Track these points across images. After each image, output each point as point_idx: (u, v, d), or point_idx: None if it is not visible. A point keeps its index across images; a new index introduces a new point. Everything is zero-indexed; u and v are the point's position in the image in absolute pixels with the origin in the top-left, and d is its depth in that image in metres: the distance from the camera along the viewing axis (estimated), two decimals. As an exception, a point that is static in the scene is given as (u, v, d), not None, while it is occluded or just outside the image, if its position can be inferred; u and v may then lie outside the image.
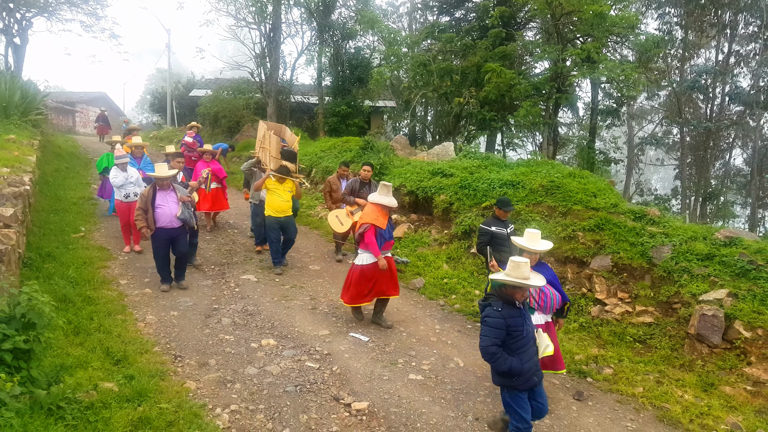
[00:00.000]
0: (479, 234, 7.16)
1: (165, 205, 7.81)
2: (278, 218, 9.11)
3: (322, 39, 24.02)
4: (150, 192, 7.80)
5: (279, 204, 9.05)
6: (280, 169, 9.09)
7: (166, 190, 7.91)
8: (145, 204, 7.73)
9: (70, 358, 5.28)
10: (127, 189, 9.52)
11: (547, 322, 5.60)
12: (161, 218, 7.77)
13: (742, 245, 7.63)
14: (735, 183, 26.52)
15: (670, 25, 23.43)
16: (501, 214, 7.12)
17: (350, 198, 9.72)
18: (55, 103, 32.53)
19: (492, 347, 4.35)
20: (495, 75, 17.67)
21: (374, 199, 7.09)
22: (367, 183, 9.72)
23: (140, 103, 59.89)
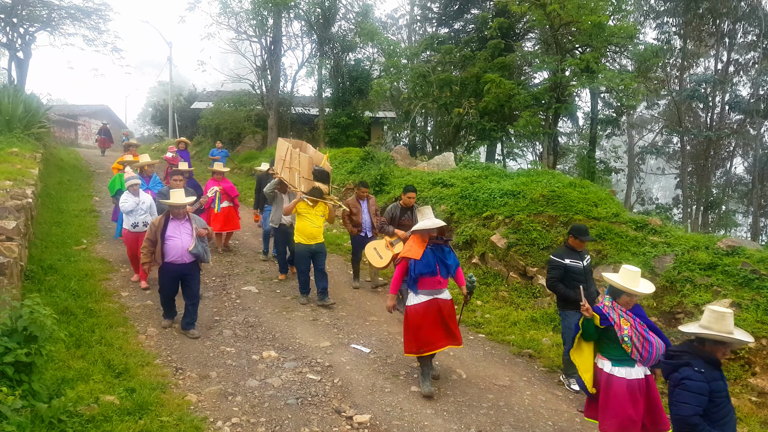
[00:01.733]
0: (550, 267, 6.21)
1: (177, 236, 6.79)
2: (309, 246, 8.20)
3: (323, 51, 24.16)
4: (161, 221, 6.82)
5: (310, 230, 8.16)
6: (313, 191, 8.18)
7: (181, 220, 6.90)
8: (155, 234, 6.76)
9: (71, 371, 5.28)
10: (137, 217, 8.51)
11: (647, 375, 4.70)
12: (171, 251, 6.75)
13: (745, 254, 7.61)
14: (736, 192, 26.51)
15: (669, 34, 23.53)
16: (576, 244, 6.20)
17: (389, 228, 8.44)
18: (58, 116, 32.67)
19: (695, 417, 3.65)
20: (494, 85, 17.75)
21: (414, 227, 6.03)
22: (409, 209, 8.47)
23: (142, 115, 60.16)
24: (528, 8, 18.04)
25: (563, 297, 6.11)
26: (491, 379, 6.42)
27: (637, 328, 4.57)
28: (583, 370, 4.79)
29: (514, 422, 5.47)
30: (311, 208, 8.17)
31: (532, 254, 9.25)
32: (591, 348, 4.83)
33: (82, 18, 24.35)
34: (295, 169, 8.74)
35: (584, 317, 4.71)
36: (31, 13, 22.95)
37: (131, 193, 8.53)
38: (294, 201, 8.23)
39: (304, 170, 8.57)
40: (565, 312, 6.20)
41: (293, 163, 8.82)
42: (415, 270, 5.75)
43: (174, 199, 6.94)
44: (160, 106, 38.73)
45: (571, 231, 6.32)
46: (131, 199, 8.50)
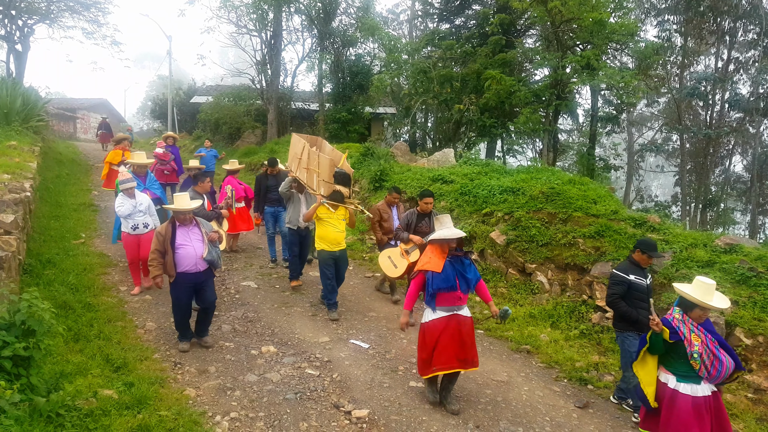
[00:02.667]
0: (612, 283, 5.68)
1: (188, 244, 6.25)
2: (333, 252, 7.74)
3: (323, 46, 24.13)
4: (168, 229, 6.22)
5: (333, 235, 7.72)
6: (334, 195, 7.73)
7: (188, 226, 6.35)
8: (163, 245, 6.17)
9: (69, 365, 5.28)
10: (136, 219, 7.99)
11: (713, 392, 4.51)
12: (184, 261, 6.20)
13: (743, 252, 7.63)
14: (735, 190, 26.55)
15: (670, 32, 23.53)
16: (643, 260, 5.69)
17: (404, 234, 7.92)
18: (56, 110, 32.60)
19: None
20: (495, 82, 17.75)
21: (431, 236, 5.58)
22: (426, 215, 7.98)
23: (141, 109, 60.01)
24: (529, 5, 18.03)
25: (624, 317, 5.58)
26: (489, 375, 6.44)
27: (708, 345, 4.37)
28: (646, 383, 4.63)
29: (511, 417, 5.49)
30: (332, 212, 7.71)
31: (531, 251, 9.25)
32: (655, 361, 4.66)
33: (81, 11, 24.30)
34: (314, 170, 8.09)
35: (653, 331, 4.49)
36: (30, 5, 22.87)
37: (127, 196, 7.98)
38: (313, 206, 7.73)
39: (324, 172, 7.92)
40: (625, 334, 5.67)
41: (311, 164, 8.18)
42: (433, 284, 5.29)
43: (178, 204, 6.33)
44: (160, 100, 38.67)
45: (638, 245, 5.74)
46: (127, 202, 7.98)
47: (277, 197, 9.48)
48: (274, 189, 9.57)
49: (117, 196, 8.23)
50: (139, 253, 8.01)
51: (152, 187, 9.21)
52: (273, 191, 9.63)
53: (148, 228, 8.07)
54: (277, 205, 9.79)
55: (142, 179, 9.09)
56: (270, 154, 21.21)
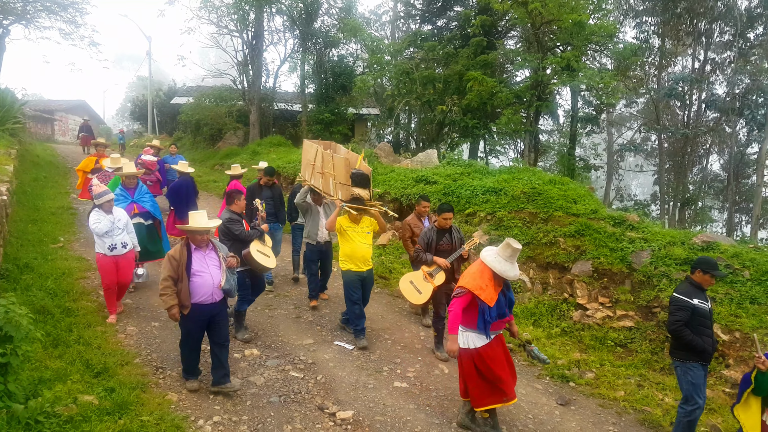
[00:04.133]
0: (674, 308, 5.12)
1: (205, 271, 5.40)
2: (360, 273, 6.97)
3: (305, 47, 24.07)
4: (184, 253, 5.36)
5: (361, 252, 6.90)
6: (354, 200, 6.92)
7: (205, 250, 5.50)
8: (177, 270, 5.30)
9: (48, 371, 5.20)
10: (114, 238, 6.97)
11: None
12: (199, 290, 5.35)
13: (719, 250, 7.78)
14: (712, 188, 27.00)
15: (648, 33, 23.84)
16: (705, 280, 5.17)
17: (427, 256, 6.78)
18: (34, 112, 32.07)
19: None
20: (477, 83, 17.82)
21: (488, 259, 4.89)
22: (446, 231, 6.89)
23: (120, 111, 59.30)
24: (510, 6, 18.13)
25: (689, 346, 5.01)
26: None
27: None
28: (750, 427, 4.46)
29: (495, 417, 5.52)
30: (356, 224, 6.92)
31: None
32: (759, 403, 4.45)
33: (58, 11, 23.94)
34: (329, 173, 7.39)
35: (758, 370, 4.22)
36: (5, 5, 22.48)
37: (104, 211, 6.94)
38: (334, 214, 7.00)
39: (340, 175, 7.19)
40: (688, 365, 5.10)
41: (326, 167, 7.49)
42: (489, 314, 4.86)
43: (194, 221, 5.46)
44: (139, 101, 38.31)
45: (698, 265, 5.21)
46: (104, 219, 6.89)
47: (272, 211, 8.78)
48: (268, 202, 8.70)
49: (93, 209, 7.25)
50: (117, 277, 7.04)
51: (142, 200, 8.26)
52: (267, 204, 8.61)
53: (127, 248, 7.17)
54: (274, 221, 8.88)
55: (131, 192, 8.19)
56: (252, 156, 21.11)
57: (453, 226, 6.95)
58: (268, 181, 9.08)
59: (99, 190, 7.00)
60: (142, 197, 8.29)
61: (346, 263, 6.95)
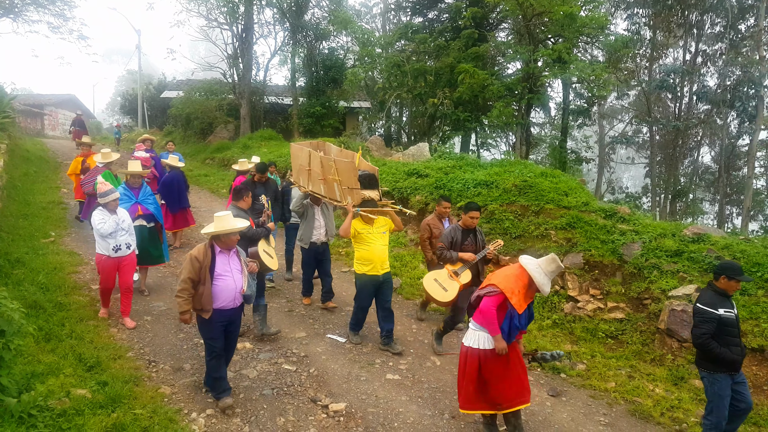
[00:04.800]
0: (699, 321, 4.82)
1: (228, 275, 5.18)
2: (376, 277, 6.61)
3: (296, 39, 23.97)
4: (208, 254, 5.13)
5: (379, 254, 6.58)
6: (366, 203, 6.66)
7: (228, 253, 5.30)
8: (200, 272, 5.06)
9: (41, 365, 5.19)
10: (119, 239, 6.69)
11: None
12: (222, 295, 5.13)
13: (710, 241, 7.84)
14: (703, 180, 27.16)
15: (639, 25, 23.89)
16: (730, 287, 4.88)
17: (451, 254, 6.53)
18: (23, 106, 31.76)
19: None
20: (468, 76, 17.83)
21: (531, 267, 4.69)
22: (471, 231, 6.65)
23: (110, 105, 58.88)
24: (501, -2, 18.14)
25: (718, 358, 4.77)
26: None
27: None
28: None
29: (487, 408, 5.56)
30: (370, 225, 6.62)
31: (505, 243, 9.37)
32: None
33: (47, 4, 23.71)
34: (333, 179, 6.94)
35: None
36: (-8, -2, 22.25)
37: (108, 211, 6.65)
38: (348, 218, 6.59)
39: (346, 179, 6.78)
40: (715, 376, 4.86)
41: (328, 173, 7.03)
42: (519, 321, 4.73)
43: (222, 224, 5.16)
44: (129, 95, 38.00)
45: (722, 271, 4.89)
46: (109, 219, 6.61)
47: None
48: None
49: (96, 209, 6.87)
50: (118, 279, 6.87)
51: (146, 202, 7.94)
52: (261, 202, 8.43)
53: (131, 249, 6.92)
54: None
55: (135, 192, 7.88)
56: (243, 150, 21.04)
57: (477, 227, 6.68)
58: (262, 177, 8.82)
59: (104, 188, 6.64)
60: (146, 198, 7.97)
61: (363, 267, 6.61)
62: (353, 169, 6.65)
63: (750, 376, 6.25)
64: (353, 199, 6.69)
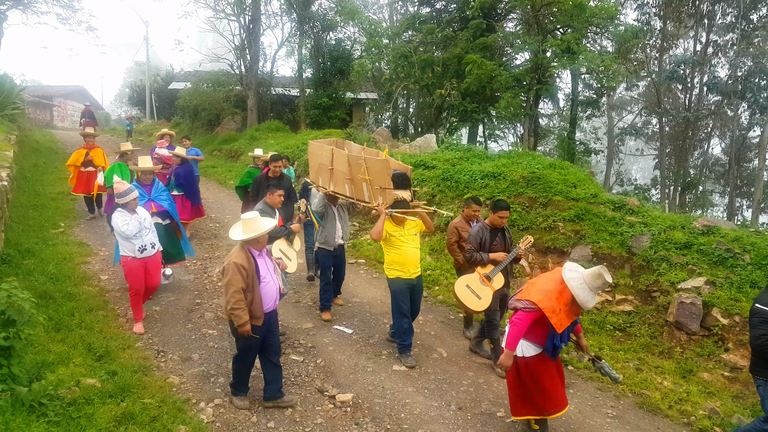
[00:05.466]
0: (757, 321, 4.52)
1: (268, 277, 5.01)
2: (410, 280, 6.26)
3: (303, 30, 23.89)
4: (251, 259, 4.86)
5: (412, 255, 6.23)
6: (399, 204, 6.20)
7: (261, 254, 5.07)
8: (248, 279, 4.77)
9: (51, 354, 5.25)
10: (144, 239, 6.39)
11: None
12: (266, 298, 4.95)
13: (720, 234, 7.78)
14: (713, 172, 26.95)
15: (649, 15, 23.62)
16: None
17: (481, 256, 6.11)
18: (32, 98, 31.93)
19: None
20: (476, 66, 17.73)
21: (573, 284, 4.29)
22: (499, 230, 6.26)
23: (119, 96, 59.10)
24: (510, -13, 18.00)
25: None
26: (471, 358, 6.53)
27: None
28: None
29: (493, 398, 5.58)
30: (401, 227, 6.22)
31: (512, 235, 9.35)
32: None
33: (55, -4, 23.70)
34: (363, 178, 6.48)
35: None
36: (2, -10, 22.27)
37: (128, 211, 6.31)
38: (380, 220, 6.12)
39: (378, 178, 6.31)
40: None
41: (356, 171, 6.57)
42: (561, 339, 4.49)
43: (252, 228, 4.87)
44: (137, 86, 38.11)
45: None
46: (132, 220, 6.25)
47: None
48: None
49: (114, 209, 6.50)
50: (145, 280, 6.53)
51: (159, 198, 7.60)
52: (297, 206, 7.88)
53: (155, 248, 6.63)
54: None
55: (147, 189, 7.53)
56: (250, 141, 21.06)
57: (504, 225, 6.33)
58: (276, 170, 8.24)
59: (122, 188, 6.30)
60: (159, 195, 7.63)
61: (394, 270, 6.24)
62: (387, 168, 6.21)
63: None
64: (384, 199, 6.27)
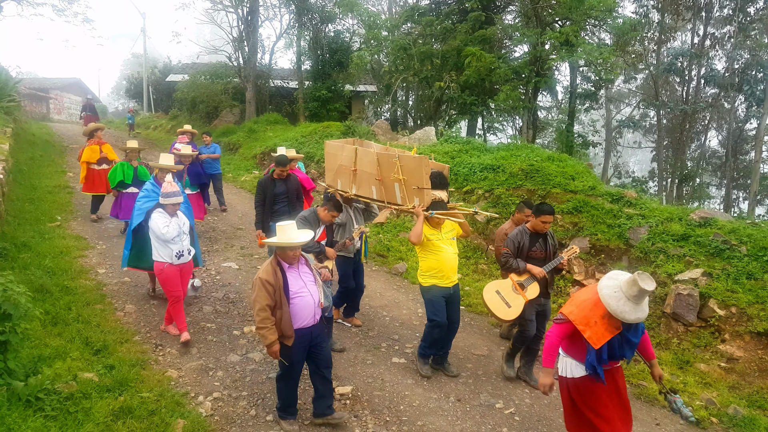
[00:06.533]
0: None
1: (303, 290, 4.59)
2: (447, 289, 5.71)
3: (301, 22, 23.77)
4: (279, 274, 4.49)
5: (450, 261, 5.69)
6: (437, 205, 5.66)
7: (297, 266, 4.67)
8: (275, 295, 4.44)
9: (48, 348, 5.22)
10: (182, 244, 6.14)
11: None
12: (301, 314, 4.55)
13: (717, 225, 7.79)
14: (710, 164, 27.00)
15: (647, 8, 23.61)
16: None
17: (518, 263, 5.68)
18: (28, 90, 31.74)
19: None
20: (475, 59, 17.69)
21: (604, 292, 3.81)
22: (541, 236, 5.77)
23: (116, 88, 58.86)
24: (508, -20, 17.93)
25: None
26: (470, 349, 6.54)
27: None
28: None
29: (491, 390, 5.59)
30: (438, 231, 5.69)
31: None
32: None
33: (51, -14, 23.54)
34: (396, 178, 5.91)
35: None
36: (-3, -19, 22.13)
37: (168, 212, 6.07)
38: (419, 222, 5.59)
39: (415, 178, 5.75)
40: None
41: (386, 171, 6.01)
42: (597, 358, 3.90)
43: (286, 237, 4.53)
44: (135, 79, 37.92)
45: None
46: (173, 222, 6.03)
47: (286, 209, 7.49)
48: (282, 198, 7.57)
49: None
50: (184, 286, 6.37)
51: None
52: (281, 201, 7.57)
53: (191, 254, 6.38)
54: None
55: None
56: (249, 134, 20.99)
57: (548, 231, 5.83)
58: (282, 172, 7.62)
59: (169, 189, 6.02)
60: None
61: (430, 278, 5.70)
62: (425, 166, 5.68)
63: (755, 360, 6.25)
64: (421, 200, 5.74)
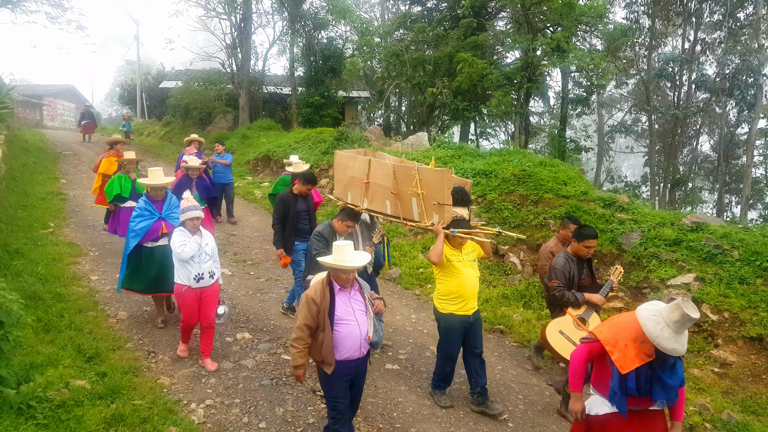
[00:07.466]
0: None
1: (351, 319, 4.12)
2: (467, 318, 5.26)
3: (294, 29, 23.83)
4: (327, 294, 4.08)
5: (472, 285, 5.23)
6: (458, 223, 5.16)
7: (350, 291, 4.21)
8: (317, 318, 4.05)
9: (40, 356, 5.20)
10: (202, 266, 5.58)
11: None
12: (345, 343, 4.11)
13: (709, 230, 7.85)
14: (702, 169, 27.13)
15: (638, 14, 23.77)
16: None
17: (576, 296, 5.30)
18: (22, 97, 31.66)
19: None
20: (467, 65, 17.76)
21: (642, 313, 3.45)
22: (585, 261, 5.47)
23: (109, 95, 58.78)
24: (500, -14, 18.05)
25: None
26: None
27: None
28: None
29: (485, 397, 5.59)
30: (458, 251, 5.24)
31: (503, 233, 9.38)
32: None
33: (44, -6, 23.48)
34: (414, 192, 5.35)
35: None
36: (-10, -11, 22.07)
37: (188, 230, 5.57)
38: (438, 243, 5.10)
39: (436, 192, 5.19)
40: None
41: (403, 184, 5.45)
42: (620, 384, 3.45)
43: (340, 257, 4.06)
44: (128, 85, 37.88)
45: None
46: (192, 241, 5.51)
47: (308, 228, 7.03)
48: (304, 216, 7.10)
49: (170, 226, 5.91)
50: (199, 314, 5.73)
51: (171, 217, 6.55)
52: (304, 219, 7.09)
53: (214, 278, 5.78)
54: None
55: (158, 206, 6.56)
56: (242, 140, 21.00)
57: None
58: (306, 191, 7.14)
59: (186, 204, 5.60)
60: (171, 212, 6.59)
61: (449, 304, 5.22)
62: (447, 180, 5.13)
63: (749, 365, 6.28)
64: (441, 217, 5.20)
